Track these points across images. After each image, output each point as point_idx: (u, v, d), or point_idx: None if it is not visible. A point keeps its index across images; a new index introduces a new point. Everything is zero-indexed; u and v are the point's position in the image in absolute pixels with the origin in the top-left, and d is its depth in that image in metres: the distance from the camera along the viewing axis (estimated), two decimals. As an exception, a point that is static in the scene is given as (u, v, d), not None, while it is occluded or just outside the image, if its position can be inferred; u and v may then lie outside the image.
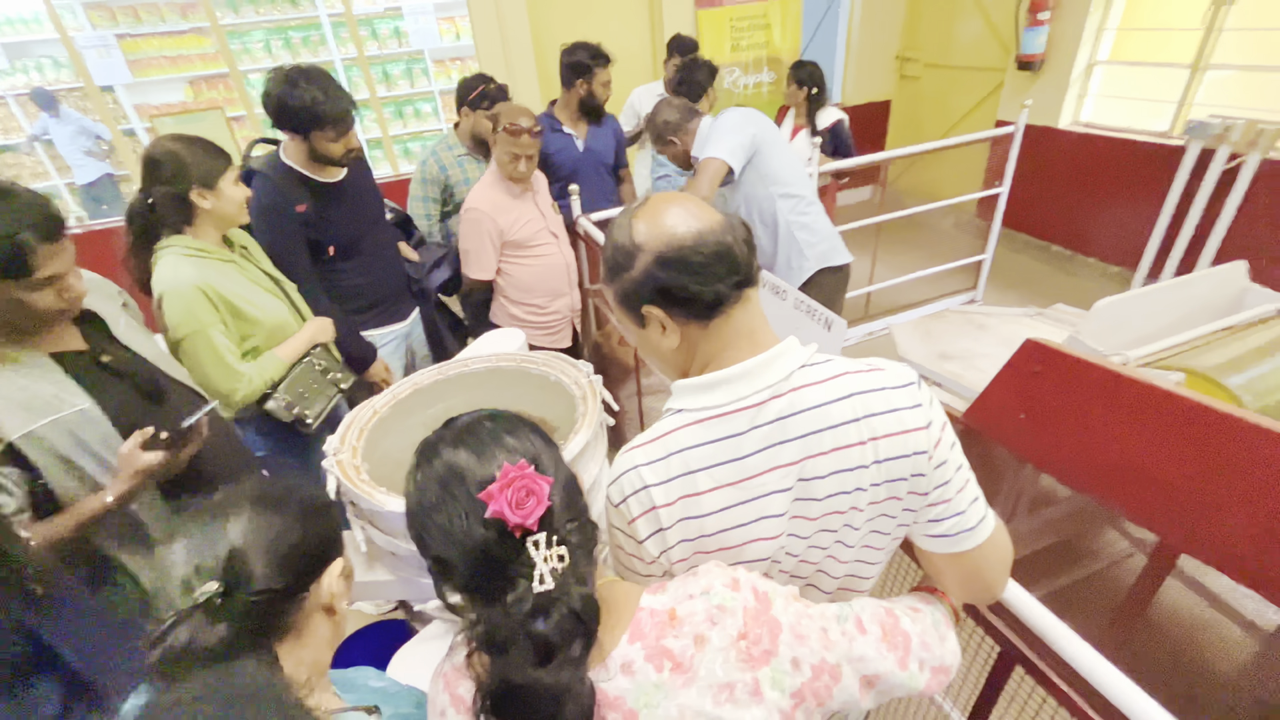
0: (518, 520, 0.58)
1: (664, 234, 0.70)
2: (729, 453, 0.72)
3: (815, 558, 0.79)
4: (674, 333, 0.74)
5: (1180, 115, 3.43)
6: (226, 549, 0.62)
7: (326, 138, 1.68)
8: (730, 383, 0.72)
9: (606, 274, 0.76)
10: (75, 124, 4.22)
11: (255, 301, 1.51)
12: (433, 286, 2.15)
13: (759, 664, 0.62)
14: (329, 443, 1.39)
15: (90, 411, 1.08)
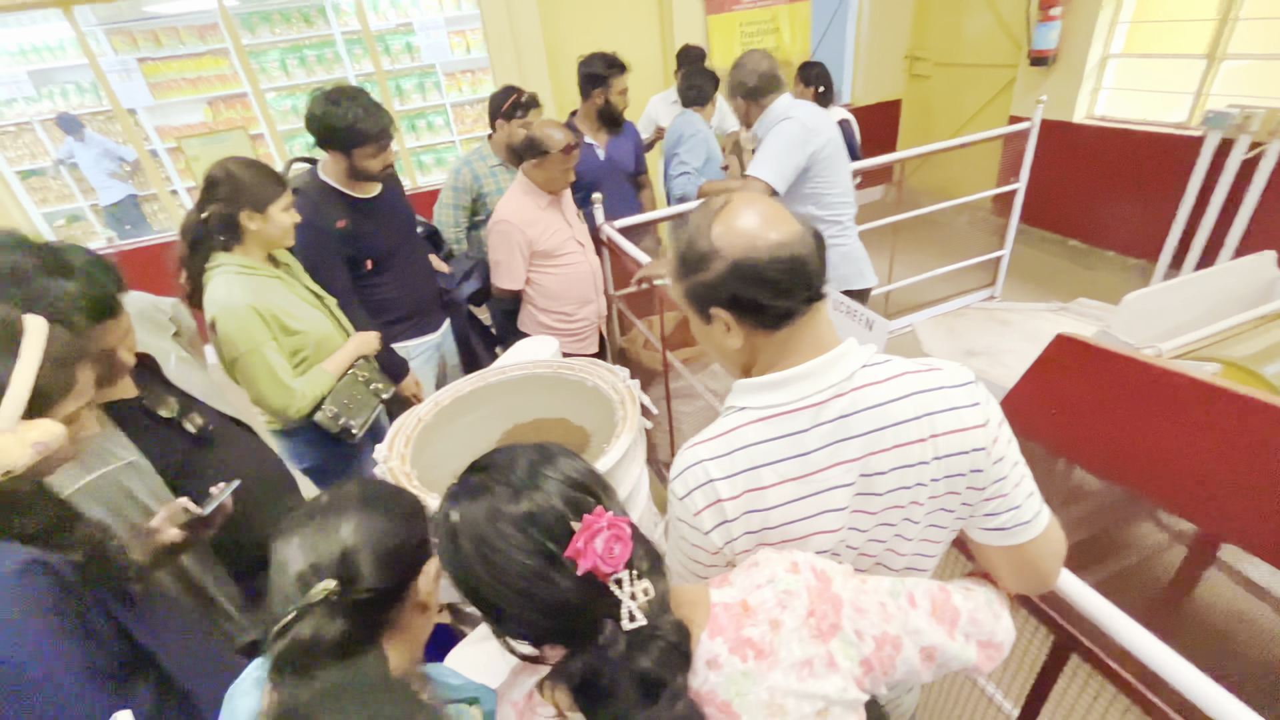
0: (610, 571, 0.58)
1: (742, 242, 0.72)
2: (793, 449, 0.74)
3: (874, 551, 0.81)
4: (738, 336, 0.76)
5: (1198, 106, 3.42)
6: (340, 548, 0.65)
7: (367, 154, 1.73)
8: (794, 382, 0.75)
9: (678, 269, 0.78)
10: (99, 147, 4.33)
11: (301, 316, 1.56)
12: (463, 297, 2.19)
13: (828, 636, 0.65)
14: (378, 450, 1.43)
15: (139, 464, 1.08)
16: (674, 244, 0.79)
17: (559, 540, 0.58)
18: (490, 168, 2.41)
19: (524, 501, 0.60)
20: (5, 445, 0.74)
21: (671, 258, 0.80)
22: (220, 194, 1.44)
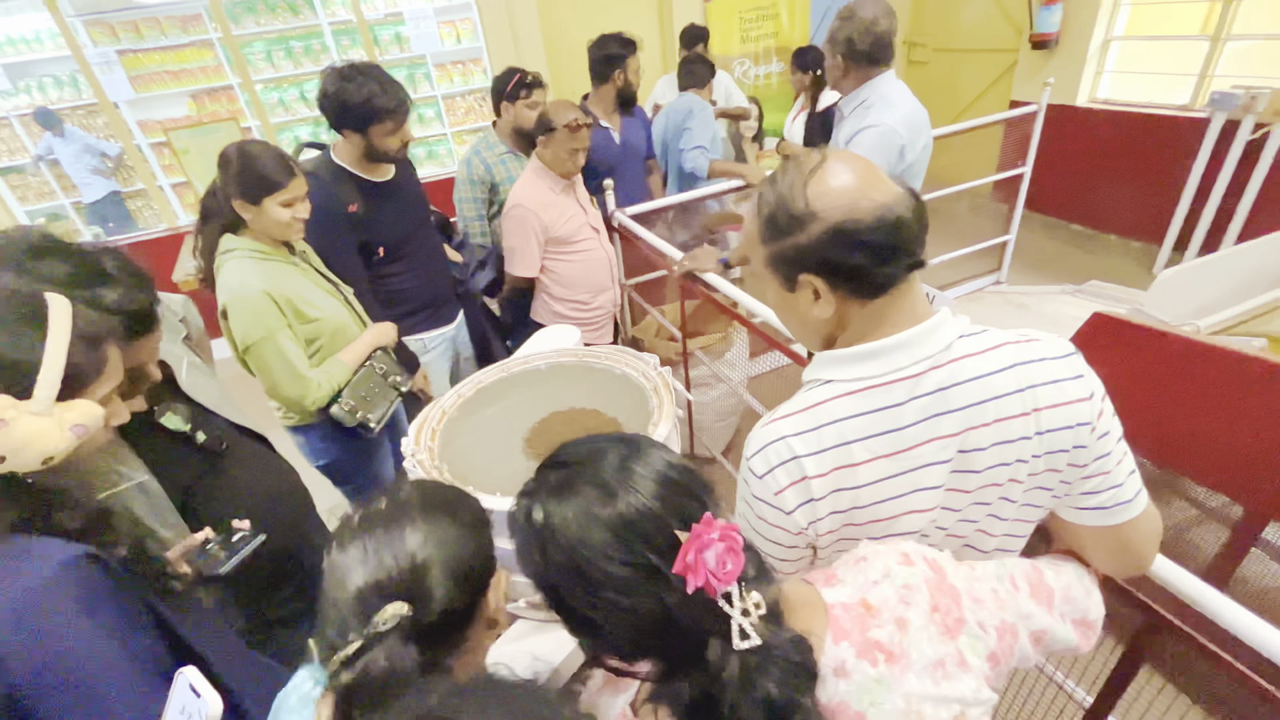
0: (722, 587, 0.52)
1: (844, 204, 0.67)
2: (887, 424, 0.70)
3: (964, 531, 0.77)
4: (829, 304, 0.71)
5: (1201, 88, 3.42)
6: (408, 563, 0.59)
7: (384, 130, 1.66)
8: (888, 353, 0.70)
9: (763, 231, 0.72)
10: (80, 142, 4.19)
11: (317, 304, 1.49)
12: (478, 288, 2.12)
13: (955, 633, 0.61)
14: (405, 444, 1.37)
15: (148, 486, 1.02)
16: (758, 205, 0.74)
17: (662, 552, 0.52)
18: (499, 155, 2.34)
19: (619, 503, 0.54)
20: (42, 429, 0.69)
21: (754, 220, 0.74)
22: (224, 175, 1.38)
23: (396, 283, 1.86)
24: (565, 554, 0.54)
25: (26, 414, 0.68)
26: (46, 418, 0.69)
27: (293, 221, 1.43)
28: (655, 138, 2.96)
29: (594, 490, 0.55)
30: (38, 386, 0.69)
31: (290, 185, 1.40)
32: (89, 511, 0.75)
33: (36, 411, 0.69)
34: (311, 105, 4.37)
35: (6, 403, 0.67)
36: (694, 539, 0.51)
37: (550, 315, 2.27)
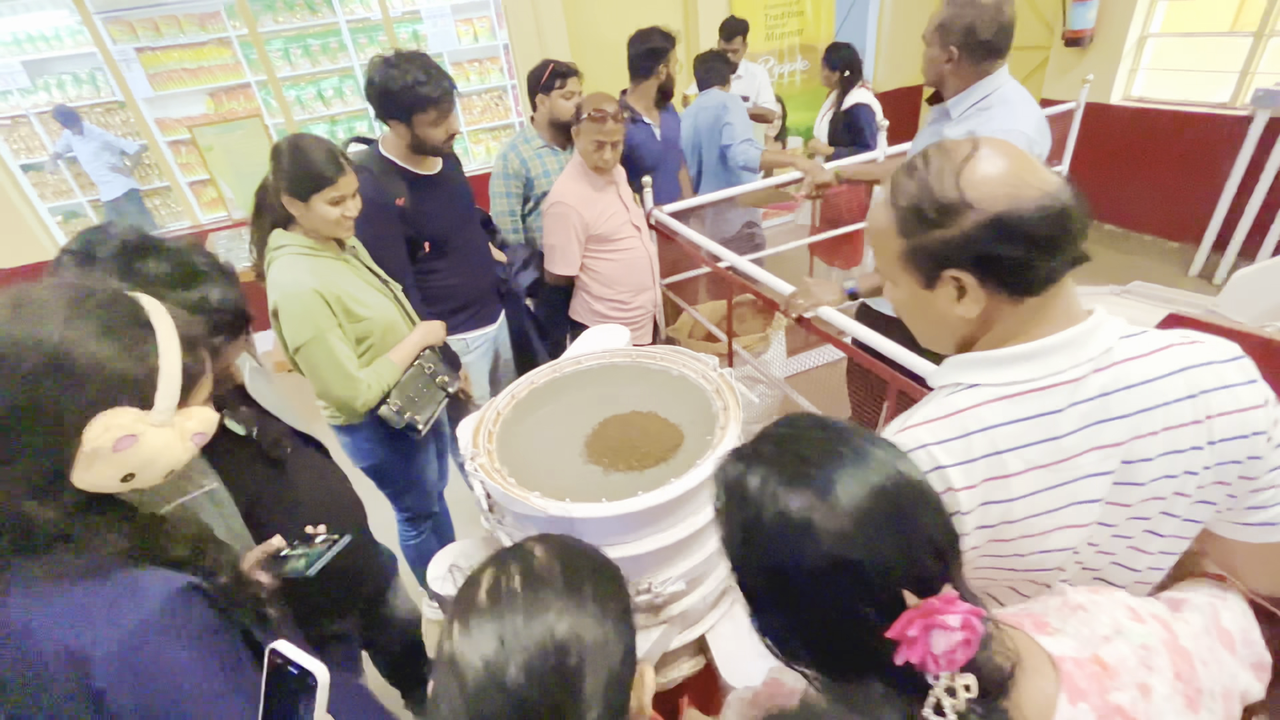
0: (941, 672, 0.45)
1: (1005, 193, 0.61)
2: (1043, 432, 0.64)
3: (1116, 548, 0.71)
4: (976, 303, 0.66)
5: (1244, 85, 3.35)
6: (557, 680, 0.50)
7: (428, 120, 1.62)
8: (1046, 355, 0.65)
9: (902, 224, 0.67)
10: (99, 140, 4.16)
11: (367, 301, 1.44)
12: (522, 288, 2.07)
13: (1197, 706, 0.54)
14: (463, 447, 1.32)
15: (218, 494, 0.98)
16: (892, 195, 0.68)
17: (881, 606, 0.46)
18: (536, 150, 2.28)
19: (847, 528, 0.47)
20: (168, 441, 0.65)
21: (887, 211, 0.69)
22: (275, 168, 1.34)
23: (441, 279, 1.81)
24: (769, 556, 0.50)
25: (151, 427, 0.64)
26: (168, 429, 0.66)
27: (341, 220, 1.39)
28: (685, 135, 2.91)
29: (824, 501, 0.49)
30: (159, 396, 0.65)
31: (340, 182, 1.35)
32: (190, 538, 0.71)
33: (159, 423, 0.65)
34: (329, 103, 4.34)
35: (134, 416, 0.63)
36: (923, 612, 0.45)
37: (589, 314, 2.22)
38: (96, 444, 0.60)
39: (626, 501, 1.11)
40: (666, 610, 1.27)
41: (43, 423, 0.59)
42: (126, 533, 0.65)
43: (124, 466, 0.62)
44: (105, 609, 0.61)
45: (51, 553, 0.61)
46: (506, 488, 1.16)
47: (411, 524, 1.83)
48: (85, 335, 0.61)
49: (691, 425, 1.33)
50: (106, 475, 0.62)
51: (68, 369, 0.59)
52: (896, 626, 0.45)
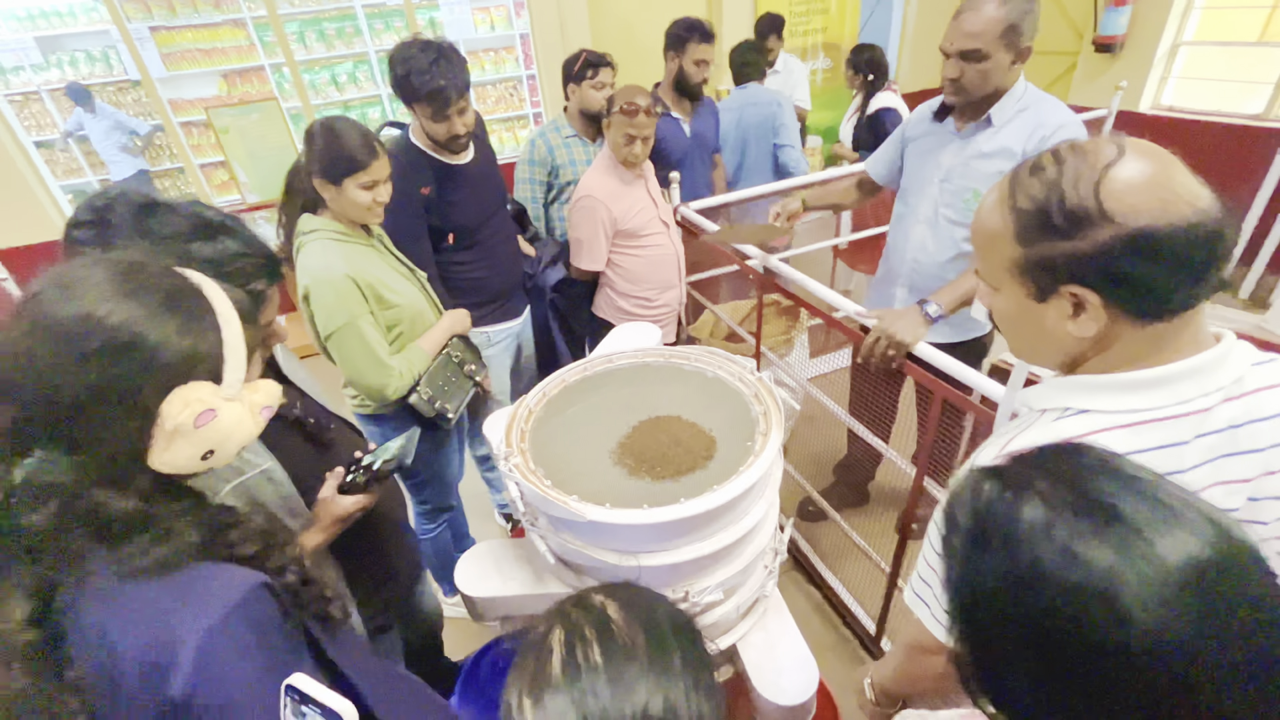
0: None
1: (1151, 207, 0.55)
2: (1166, 465, 0.60)
3: None
4: (1094, 323, 0.61)
5: (1278, 96, 3.30)
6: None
7: (426, 113, 1.57)
8: (1174, 382, 0.60)
9: (1022, 230, 0.61)
10: (110, 119, 4.11)
11: (397, 289, 1.41)
12: (548, 284, 2.02)
13: None
14: (496, 446, 1.28)
15: (273, 472, 0.96)
16: (1011, 194, 0.62)
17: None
18: (565, 139, 2.24)
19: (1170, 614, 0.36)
20: (238, 417, 0.63)
21: (1002, 212, 0.63)
22: (308, 151, 1.30)
23: (466, 271, 1.76)
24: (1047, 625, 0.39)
25: (225, 401, 0.62)
26: (238, 403, 0.63)
27: (373, 205, 1.35)
28: (727, 129, 2.84)
29: (1140, 577, 0.36)
30: (227, 370, 0.63)
31: (372, 167, 1.31)
32: (260, 534, 0.68)
33: (231, 397, 0.63)
34: (343, 89, 4.29)
35: (211, 391, 0.61)
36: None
37: (614, 311, 2.17)
38: (178, 420, 0.58)
39: (669, 509, 1.07)
40: (700, 619, 1.23)
41: (120, 402, 0.56)
42: (198, 524, 0.63)
43: (205, 443, 0.61)
44: (180, 610, 0.58)
45: (130, 542, 0.58)
46: (544, 490, 1.12)
47: (429, 517, 1.79)
48: (149, 311, 0.59)
49: (730, 430, 1.29)
50: (187, 454, 0.60)
51: (138, 345, 0.57)
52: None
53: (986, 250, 0.66)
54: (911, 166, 1.71)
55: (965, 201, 1.59)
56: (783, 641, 1.34)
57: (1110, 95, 3.45)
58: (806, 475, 2.19)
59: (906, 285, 1.76)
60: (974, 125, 1.54)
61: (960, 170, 1.57)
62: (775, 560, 1.35)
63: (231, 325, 0.64)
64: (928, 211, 1.66)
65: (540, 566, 1.28)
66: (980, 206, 0.67)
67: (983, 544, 0.43)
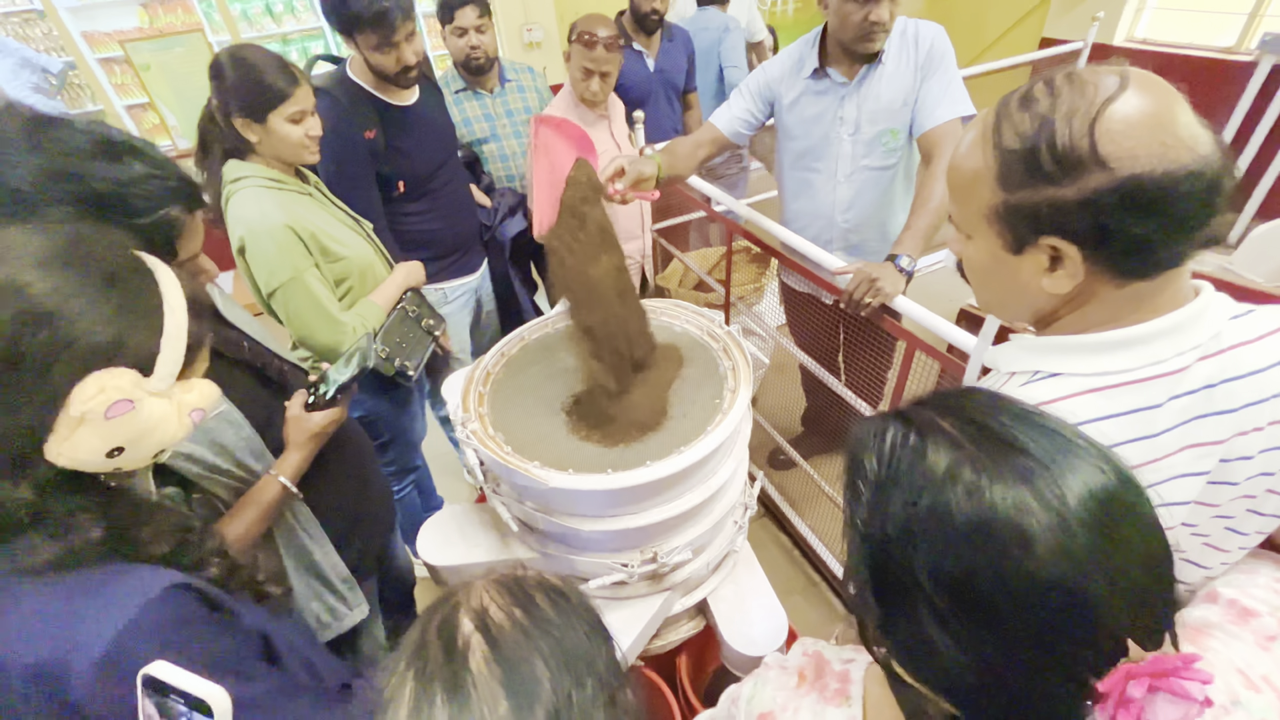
0: None
1: (1152, 150, 0.49)
2: (1138, 429, 0.57)
3: (1191, 546, 0.66)
4: (1071, 279, 0.56)
5: (1250, 28, 3.24)
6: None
7: (369, 43, 1.40)
8: (1149, 342, 0.56)
9: (1004, 171, 0.55)
10: (16, 55, 3.70)
11: (342, 239, 1.30)
12: (506, 237, 1.90)
13: None
14: (453, 411, 1.22)
15: (230, 414, 0.91)
16: (994, 131, 0.56)
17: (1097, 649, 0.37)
18: (454, 93, 1.97)
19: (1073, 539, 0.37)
20: (163, 415, 0.56)
21: (982, 151, 0.57)
22: (218, 89, 1.15)
23: (417, 223, 1.64)
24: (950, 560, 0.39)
25: (149, 395, 0.55)
26: (166, 400, 0.57)
27: (305, 140, 1.22)
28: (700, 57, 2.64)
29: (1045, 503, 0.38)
30: (161, 361, 0.56)
31: (296, 95, 1.18)
32: (172, 531, 0.62)
33: (157, 392, 0.56)
34: (280, 19, 3.93)
35: (134, 381, 0.54)
36: (1156, 670, 0.36)
37: (576, 261, 2.08)
38: (87, 407, 0.52)
39: (635, 472, 1.03)
40: (670, 578, 1.22)
41: (24, 379, 0.50)
42: (102, 521, 0.57)
43: (114, 438, 0.54)
44: (81, 613, 0.53)
45: (22, 538, 0.53)
46: (503, 458, 1.07)
47: (394, 478, 1.74)
48: (81, 285, 0.53)
49: (697, 387, 1.25)
50: (89, 447, 0.54)
51: (60, 319, 0.51)
52: (1112, 680, 0.36)
53: (962, 193, 0.61)
54: (805, 131, 1.61)
55: (885, 144, 1.55)
56: (752, 594, 1.34)
57: (1086, 27, 3.37)
58: (777, 425, 2.18)
59: (843, 248, 1.71)
60: (866, 69, 1.49)
61: (869, 117, 1.52)
62: (745, 515, 1.34)
63: (176, 316, 0.58)
64: (846, 169, 1.60)
65: (506, 532, 1.24)
66: (959, 144, 0.61)
67: (890, 486, 0.43)
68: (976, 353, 1.10)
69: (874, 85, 1.49)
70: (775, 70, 1.61)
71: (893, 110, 1.49)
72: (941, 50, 1.45)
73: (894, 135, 1.53)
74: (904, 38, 1.48)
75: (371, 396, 1.48)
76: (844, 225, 1.68)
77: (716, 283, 2.19)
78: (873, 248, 1.70)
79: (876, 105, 1.50)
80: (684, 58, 2.51)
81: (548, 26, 4.05)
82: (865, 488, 0.45)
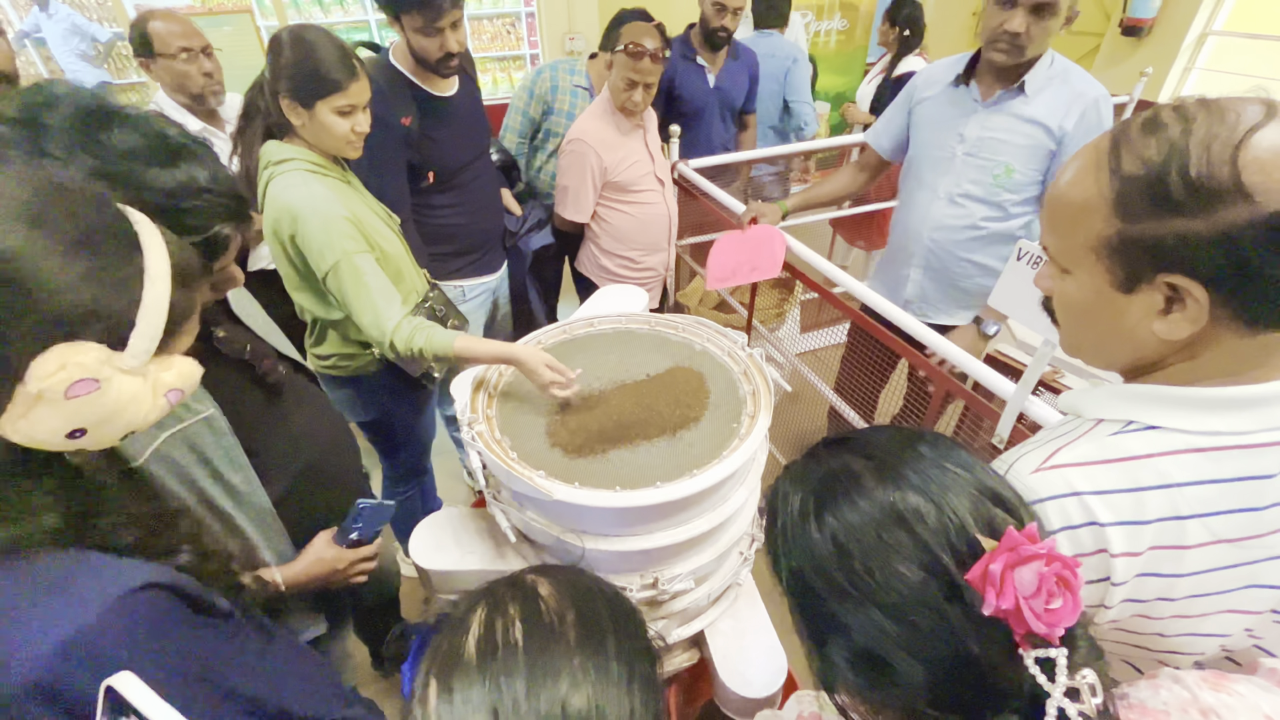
0: (1042, 631, 0.39)
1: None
2: (1244, 500, 0.51)
3: (1270, 634, 0.59)
4: (1190, 324, 0.50)
5: (1302, 96, 3.19)
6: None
7: (415, 24, 1.39)
8: (1270, 405, 0.51)
9: (1123, 200, 0.50)
10: (67, 21, 3.79)
11: (379, 231, 1.27)
12: (528, 250, 1.88)
13: None
14: (460, 411, 1.18)
15: (215, 420, 0.85)
16: (1111, 157, 0.51)
17: (960, 557, 0.42)
18: (572, 84, 2.04)
19: (909, 494, 0.45)
20: (135, 394, 0.51)
21: (1096, 176, 0.52)
22: (274, 65, 1.13)
23: (443, 216, 1.62)
24: (833, 543, 0.46)
25: (119, 372, 0.50)
26: (140, 379, 0.52)
27: (351, 135, 1.19)
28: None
29: (877, 478, 0.47)
30: (136, 336, 0.51)
31: (351, 89, 1.15)
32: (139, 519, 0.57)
33: (130, 370, 0.51)
34: (328, 9, 4.00)
35: (100, 356, 0.49)
36: (1004, 549, 0.40)
37: (595, 268, 2.06)
38: (45, 384, 0.46)
39: (644, 492, 0.98)
40: (668, 606, 1.16)
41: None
42: (60, 508, 0.52)
43: (74, 419, 0.49)
44: (31, 605, 0.48)
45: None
46: (508, 464, 1.02)
47: (399, 481, 1.69)
48: (49, 245, 0.47)
49: (714, 409, 1.20)
50: (48, 427, 0.48)
51: (20, 283, 0.46)
52: (976, 569, 0.40)
53: (1066, 224, 0.55)
54: (925, 137, 1.58)
55: (995, 177, 1.47)
56: (753, 631, 1.28)
57: (1133, 82, 3.32)
58: (789, 455, 2.12)
59: (921, 266, 1.65)
60: (1004, 93, 1.42)
61: (989, 143, 1.45)
62: (751, 547, 1.28)
63: (158, 286, 0.53)
64: (949, 187, 1.54)
65: (502, 541, 1.19)
66: (1063, 171, 0.56)
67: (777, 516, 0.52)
68: (1014, 400, 1.05)
69: (1006, 113, 1.43)
70: (925, 74, 1.59)
71: (1017, 147, 1.42)
72: (1094, 123, 1.35)
73: (1008, 172, 1.46)
74: (1053, 80, 1.39)
75: (390, 398, 1.44)
76: (929, 245, 1.61)
77: (739, 304, 2.15)
78: (946, 279, 1.64)
79: (999, 135, 1.44)
80: (746, 78, 2.49)
81: (590, 35, 4.08)
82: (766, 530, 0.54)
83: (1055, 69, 1.41)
